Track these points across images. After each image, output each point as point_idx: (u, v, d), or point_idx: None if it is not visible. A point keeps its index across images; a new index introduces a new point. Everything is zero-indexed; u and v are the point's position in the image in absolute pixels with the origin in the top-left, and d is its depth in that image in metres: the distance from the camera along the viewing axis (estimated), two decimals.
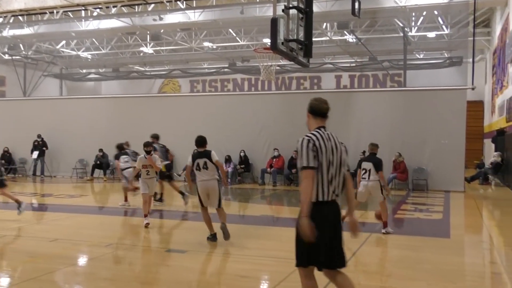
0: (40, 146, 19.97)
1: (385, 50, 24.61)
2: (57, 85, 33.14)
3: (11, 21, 22.14)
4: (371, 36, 23.68)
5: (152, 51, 29.14)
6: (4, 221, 9.68)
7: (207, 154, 7.65)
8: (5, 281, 5.92)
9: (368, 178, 8.37)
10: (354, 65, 27.54)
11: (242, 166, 17.66)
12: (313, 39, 9.76)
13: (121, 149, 12.48)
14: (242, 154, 17.64)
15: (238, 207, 13.04)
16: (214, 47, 27.85)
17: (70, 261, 6.73)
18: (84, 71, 34.09)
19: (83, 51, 29.66)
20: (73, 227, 9.34)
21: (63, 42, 28.05)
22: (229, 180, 17.48)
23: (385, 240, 7.98)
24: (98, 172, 19.31)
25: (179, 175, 18.15)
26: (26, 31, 24.34)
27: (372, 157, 8.59)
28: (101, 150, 19.00)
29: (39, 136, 20.00)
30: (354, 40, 23.27)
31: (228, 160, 17.66)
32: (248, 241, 7.85)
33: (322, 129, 3.99)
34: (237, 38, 25.85)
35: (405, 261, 7.04)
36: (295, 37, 8.76)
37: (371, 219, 10.71)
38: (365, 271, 6.10)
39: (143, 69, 33.41)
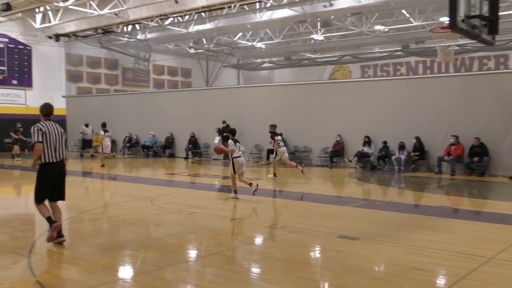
0: (222, 131, 21.45)
1: None
2: (234, 75, 35.47)
3: (195, 18, 24.28)
4: None
5: (322, 38, 29.32)
6: (193, 200, 10.77)
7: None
8: (194, 253, 6.60)
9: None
10: None
11: (417, 153, 16.82)
12: (500, 13, 8.80)
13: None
14: (416, 140, 16.79)
15: (412, 196, 12.49)
16: (386, 29, 26.88)
17: (247, 240, 7.19)
18: (259, 60, 35.83)
19: (257, 42, 31.18)
20: (250, 208, 9.95)
21: (240, 34, 29.85)
22: (402, 167, 16.82)
23: None
24: (271, 158, 20.17)
25: (350, 161, 18.08)
26: (208, 26, 26.49)
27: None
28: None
29: (224, 122, 21.50)
30: None
31: (402, 147, 16.97)
32: (423, 232, 7.48)
33: (48, 121, 6.66)
34: (410, 19, 24.56)
35: None
36: (477, 13, 7.98)
37: None
38: None
39: (314, 56, 33.84)
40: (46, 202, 6.71)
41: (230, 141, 10.68)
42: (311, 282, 5.27)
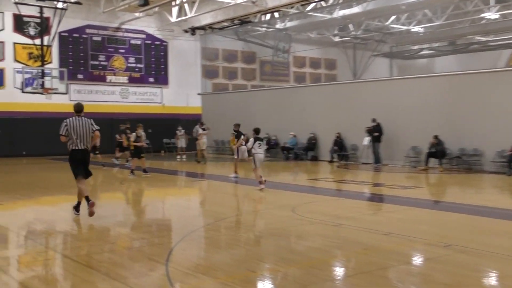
0: (371, 131, 20.97)
1: None
2: (387, 65, 34.70)
3: (340, 1, 24.24)
4: None
5: (497, 16, 27.32)
6: (340, 210, 10.75)
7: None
8: (341, 270, 6.56)
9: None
10: None
11: None
12: None
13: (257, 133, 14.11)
14: None
15: None
16: None
17: (404, 259, 6.95)
18: (416, 47, 34.61)
19: (414, 25, 30.11)
20: (406, 221, 9.63)
21: (393, 17, 29.10)
22: None
23: None
24: (433, 161, 19.30)
25: None
26: (355, 10, 26.28)
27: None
28: (436, 136, 18.93)
29: (374, 120, 20.98)
30: None
31: None
32: None
33: (77, 117, 9.46)
34: None
35: None
36: None
37: None
38: None
39: (485, 39, 31.73)
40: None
41: (250, 139, 13.85)
42: None
